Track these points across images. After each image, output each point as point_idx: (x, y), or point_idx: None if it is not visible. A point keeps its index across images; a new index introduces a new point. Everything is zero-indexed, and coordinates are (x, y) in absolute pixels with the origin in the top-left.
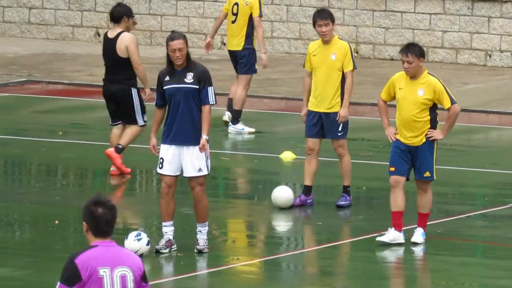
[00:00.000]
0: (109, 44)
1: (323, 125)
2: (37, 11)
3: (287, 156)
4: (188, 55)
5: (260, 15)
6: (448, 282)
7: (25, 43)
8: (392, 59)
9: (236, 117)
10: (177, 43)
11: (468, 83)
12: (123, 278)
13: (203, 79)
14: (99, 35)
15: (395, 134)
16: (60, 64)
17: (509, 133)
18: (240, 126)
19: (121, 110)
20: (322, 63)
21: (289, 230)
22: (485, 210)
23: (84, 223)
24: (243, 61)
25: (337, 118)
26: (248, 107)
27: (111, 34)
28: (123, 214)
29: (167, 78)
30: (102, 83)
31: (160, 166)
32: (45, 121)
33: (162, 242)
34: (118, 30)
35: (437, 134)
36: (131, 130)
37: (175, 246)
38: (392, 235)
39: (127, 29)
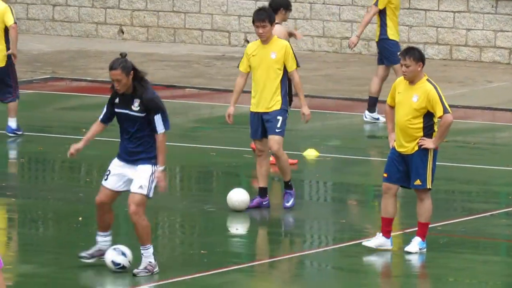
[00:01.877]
0: None
1: (264, 125)
2: (61, 8)
3: (311, 153)
4: (136, 78)
5: None
6: (471, 281)
7: (49, 40)
8: None
9: (372, 104)
10: (113, 74)
11: (492, 81)
12: None
13: (151, 108)
14: (122, 32)
15: (394, 141)
16: (84, 61)
17: None
18: (376, 114)
19: None
20: (261, 63)
21: (312, 227)
22: (509, 208)
23: None
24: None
25: (302, 119)
26: None
27: None
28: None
29: (117, 100)
30: None
31: (105, 178)
32: (69, 118)
33: (91, 250)
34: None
35: (428, 142)
36: None
37: (104, 257)
38: (379, 240)
39: (282, 21)
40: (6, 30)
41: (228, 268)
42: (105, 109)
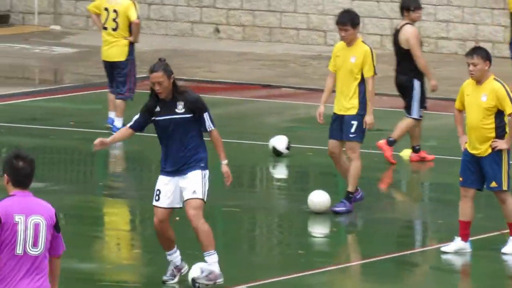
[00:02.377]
0: (395, 36)
1: (342, 127)
2: (157, 7)
3: (407, 154)
4: (175, 85)
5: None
6: None
7: (145, 39)
8: None
9: None
10: (155, 76)
11: None
12: (36, 226)
13: (197, 107)
14: (218, 31)
15: (465, 143)
16: (180, 60)
17: None
18: None
19: (404, 100)
20: (342, 65)
21: (409, 228)
22: None
23: (5, 175)
24: None
25: (364, 126)
26: None
27: (399, 26)
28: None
29: (158, 109)
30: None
31: (156, 198)
32: None
33: (169, 271)
34: (404, 22)
35: (500, 143)
36: (404, 123)
37: (184, 269)
38: (457, 245)
39: (412, 21)
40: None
41: (325, 268)
42: (138, 117)
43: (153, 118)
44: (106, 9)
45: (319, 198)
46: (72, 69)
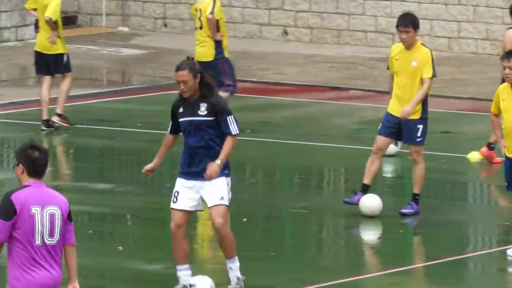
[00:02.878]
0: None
1: (400, 129)
2: (225, 9)
3: (475, 156)
4: (202, 83)
5: None
6: None
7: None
8: None
9: None
10: (180, 75)
11: None
12: (52, 216)
13: (219, 110)
14: (286, 33)
15: (504, 147)
16: (248, 62)
17: None
18: None
19: None
20: (403, 69)
21: (475, 230)
22: None
23: (20, 165)
24: None
25: (401, 115)
26: (434, 107)
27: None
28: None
29: (181, 109)
30: None
31: (174, 200)
32: (240, 119)
33: None
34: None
35: None
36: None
37: None
38: None
39: None
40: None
41: (391, 270)
42: (170, 124)
43: (177, 119)
44: (196, 9)
45: (371, 202)
46: (139, 70)
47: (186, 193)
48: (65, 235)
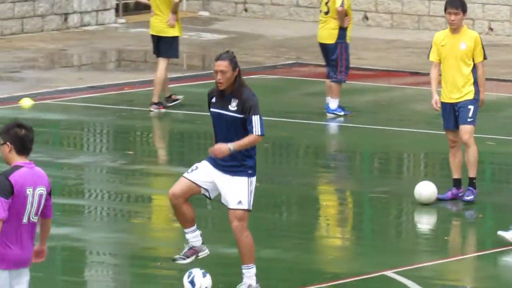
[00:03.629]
0: None
1: (456, 115)
2: None
3: None
4: (237, 80)
5: None
6: None
7: (293, 26)
8: None
9: None
10: (219, 64)
11: None
12: (40, 196)
13: (248, 107)
14: (367, 18)
15: None
16: None
17: None
18: None
19: None
20: (451, 53)
21: None
22: None
23: (7, 144)
24: None
25: (480, 106)
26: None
27: None
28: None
29: (214, 100)
30: None
31: (190, 171)
32: (313, 104)
33: (183, 251)
34: None
35: None
36: None
37: (204, 252)
38: None
39: None
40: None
41: (470, 255)
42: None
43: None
44: None
45: (427, 190)
46: None
47: (204, 172)
48: (46, 210)
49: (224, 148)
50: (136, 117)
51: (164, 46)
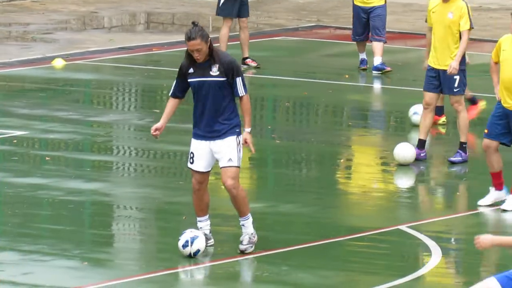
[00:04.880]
0: None
1: (441, 82)
2: None
3: None
4: (211, 47)
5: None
6: None
7: None
8: None
9: None
10: (193, 44)
11: None
12: None
13: (230, 71)
14: None
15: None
16: (347, 10)
17: None
18: None
19: None
20: (440, 21)
21: None
22: None
23: None
24: None
25: (448, 71)
26: None
27: None
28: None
29: (191, 70)
30: None
31: (191, 161)
32: (333, 64)
33: None
34: None
35: None
36: None
37: (211, 240)
38: (493, 195)
39: None
40: None
41: (476, 210)
42: (175, 83)
43: (187, 79)
44: None
45: (405, 152)
46: None
47: (201, 155)
48: None
49: (248, 137)
50: (163, 76)
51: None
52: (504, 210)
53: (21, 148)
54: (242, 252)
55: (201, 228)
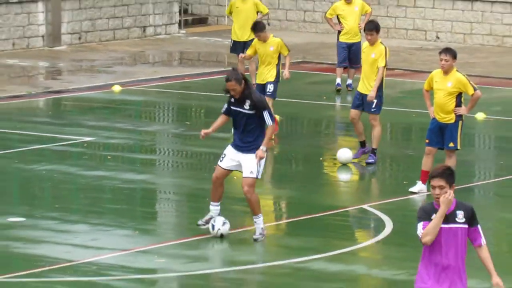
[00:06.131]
0: None
1: (364, 102)
2: (310, 13)
3: (480, 116)
4: (246, 86)
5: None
6: None
7: (301, 36)
8: None
9: None
10: (229, 85)
11: None
12: None
13: (258, 107)
14: None
15: (433, 112)
16: (325, 51)
17: None
18: None
19: None
20: (366, 60)
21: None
22: None
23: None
24: None
25: (367, 99)
26: None
27: None
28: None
29: (233, 100)
30: None
31: (221, 159)
32: (314, 89)
33: (205, 218)
34: None
35: (462, 110)
36: None
37: (213, 220)
38: (419, 186)
39: None
40: None
41: (420, 194)
42: (225, 105)
43: (230, 106)
44: None
45: (344, 154)
46: None
47: (231, 157)
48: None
49: (260, 153)
50: (192, 98)
51: None
52: (412, 192)
53: (90, 150)
54: (255, 241)
55: (211, 210)
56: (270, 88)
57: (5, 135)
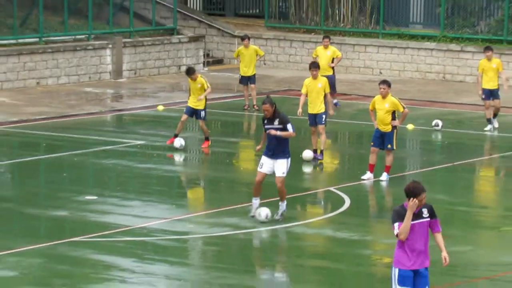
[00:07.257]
0: None
1: (315, 119)
2: (293, 56)
3: (410, 127)
4: (275, 110)
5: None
6: None
7: (288, 71)
8: None
9: None
10: (264, 107)
11: None
12: None
13: (284, 122)
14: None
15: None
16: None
17: None
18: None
19: None
20: (312, 89)
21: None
22: None
23: None
24: None
25: (327, 117)
26: None
27: None
28: None
29: (266, 121)
30: None
31: (260, 167)
32: (297, 109)
33: (252, 210)
34: None
35: (396, 122)
36: None
37: (254, 210)
38: (367, 175)
39: None
40: None
41: (375, 179)
42: (263, 128)
43: (264, 125)
44: None
45: (306, 154)
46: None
47: (267, 164)
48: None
49: (274, 132)
50: (212, 114)
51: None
52: (381, 180)
53: (141, 149)
54: (277, 220)
55: (253, 203)
56: (202, 114)
57: (84, 139)
